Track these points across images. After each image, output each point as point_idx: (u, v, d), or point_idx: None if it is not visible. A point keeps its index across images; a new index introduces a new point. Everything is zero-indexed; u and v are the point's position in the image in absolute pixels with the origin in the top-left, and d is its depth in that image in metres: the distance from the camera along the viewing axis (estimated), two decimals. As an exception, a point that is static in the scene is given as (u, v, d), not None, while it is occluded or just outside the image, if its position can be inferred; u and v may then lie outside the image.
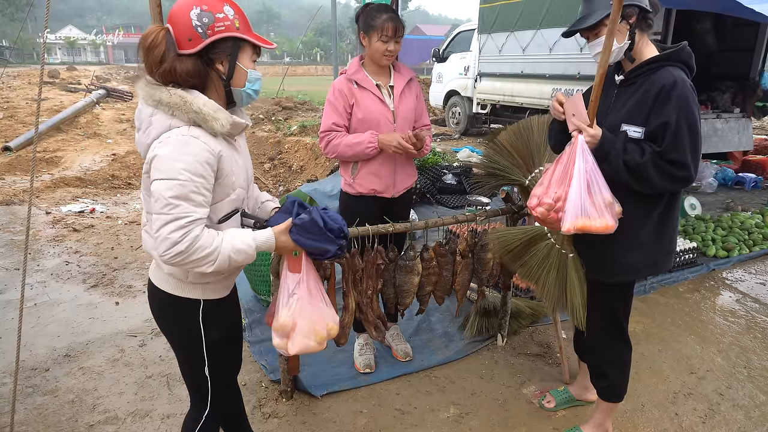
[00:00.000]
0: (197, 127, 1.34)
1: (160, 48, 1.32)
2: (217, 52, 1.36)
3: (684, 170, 1.67)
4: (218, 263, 1.34)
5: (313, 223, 1.45)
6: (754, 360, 2.88)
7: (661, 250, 1.89)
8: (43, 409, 2.41)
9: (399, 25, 2.33)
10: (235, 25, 1.34)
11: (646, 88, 1.73)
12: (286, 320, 1.53)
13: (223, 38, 1.33)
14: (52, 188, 6.43)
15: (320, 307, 1.58)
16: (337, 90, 2.41)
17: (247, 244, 1.38)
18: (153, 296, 1.55)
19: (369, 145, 2.37)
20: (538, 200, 1.77)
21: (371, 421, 2.36)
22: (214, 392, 1.60)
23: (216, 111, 1.35)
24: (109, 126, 10.62)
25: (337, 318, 1.64)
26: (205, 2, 1.32)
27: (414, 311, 2.61)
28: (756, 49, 6.64)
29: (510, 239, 2.15)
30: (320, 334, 1.56)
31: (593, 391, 2.34)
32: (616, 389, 2.10)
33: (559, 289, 1.99)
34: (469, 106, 10.20)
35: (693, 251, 4.02)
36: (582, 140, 1.68)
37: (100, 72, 22.80)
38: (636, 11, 1.72)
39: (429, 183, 5.60)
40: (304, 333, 1.54)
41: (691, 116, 1.66)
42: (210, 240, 1.33)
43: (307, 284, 1.55)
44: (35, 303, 3.46)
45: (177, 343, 1.59)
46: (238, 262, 1.39)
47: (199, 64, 1.34)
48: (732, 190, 6.55)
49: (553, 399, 2.44)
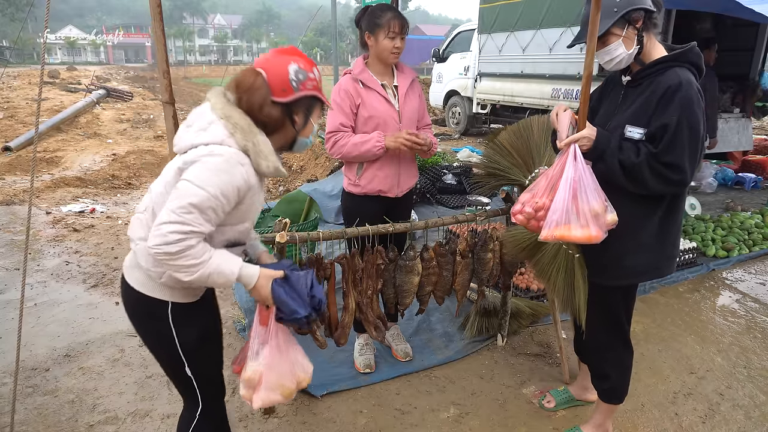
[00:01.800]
0: (246, 156, 1.42)
1: (260, 92, 1.45)
2: (299, 105, 1.50)
3: (679, 174, 1.65)
4: (198, 276, 1.36)
5: (302, 281, 1.49)
6: (754, 360, 2.88)
7: (664, 254, 1.86)
8: (43, 409, 2.41)
9: (404, 21, 2.37)
10: (320, 86, 1.53)
11: (652, 90, 1.70)
12: (252, 375, 1.53)
13: (307, 95, 1.49)
14: (52, 188, 6.43)
15: (291, 359, 1.58)
16: (343, 90, 2.41)
17: (231, 270, 1.41)
18: (125, 293, 1.55)
19: (377, 145, 2.37)
20: (521, 207, 1.79)
21: (371, 421, 2.36)
22: (202, 390, 1.61)
23: (270, 153, 1.45)
24: (109, 126, 10.63)
25: (310, 368, 1.63)
26: (301, 61, 1.48)
27: (414, 311, 2.61)
28: (756, 49, 6.64)
29: (522, 238, 2.15)
30: (287, 389, 1.56)
31: (593, 391, 2.34)
32: (617, 391, 2.09)
33: (567, 289, 1.99)
34: (469, 106, 10.20)
35: (693, 251, 4.02)
36: (575, 148, 1.67)
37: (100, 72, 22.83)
38: (642, 15, 1.69)
39: (429, 183, 5.60)
40: (271, 387, 1.53)
41: (694, 119, 1.63)
42: (200, 252, 1.35)
43: (276, 337, 1.54)
44: (35, 303, 3.46)
45: (148, 343, 1.60)
46: (215, 282, 1.41)
47: (282, 113, 1.48)
48: (732, 190, 6.55)
49: (553, 399, 2.44)
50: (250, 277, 1.45)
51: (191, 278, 1.36)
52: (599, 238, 1.64)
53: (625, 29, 1.68)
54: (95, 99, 12.22)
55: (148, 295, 1.49)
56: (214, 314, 1.70)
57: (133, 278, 1.51)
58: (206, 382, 1.62)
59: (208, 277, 1.38)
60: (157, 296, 1.49)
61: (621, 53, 1.71)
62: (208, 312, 1.65)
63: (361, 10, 2.46)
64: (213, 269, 1.37)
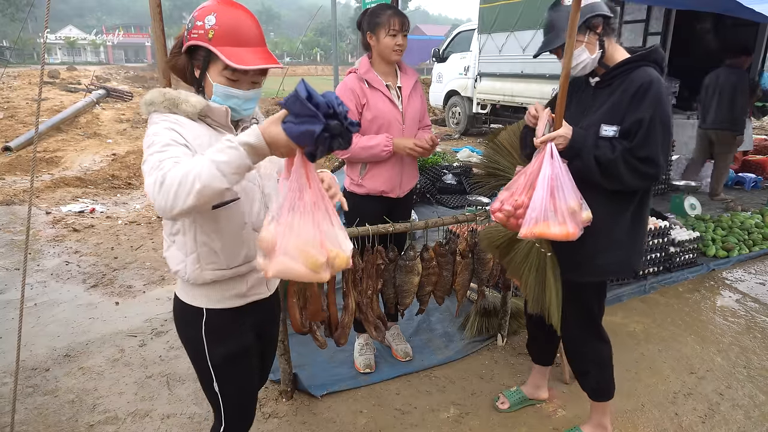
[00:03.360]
0: (172, 114, 1.33)
1: (177, 42, 1.40)
2: (196, 57, 1.37)
3: (653, 167, 1.72)
4: (204, 178, 1.10)
5: (294, 98, 1.10)
6: (754, 360, 2.88)
7: (634, 249, 1.93)
8: (43, 409, 2.41)
9: (405, 18, 2.37)
10: (208, 36, 1.29)
11: (624, 88, 1.77)
12: (266, 235, 1.20)
13: (198, 46, 1.33)
14: (52, 188, 6.43)
15: (323, 228, 1.21)
16: (349, 89, 2.40)
17: (227, 144, 1.12)
18: (174, 302, 1.54)
19: (384, 148, 2.38)
20: (500, 205, 1.81)
21: (371, 421, 2.36)
22: (227, 410, 1.54)
23: (188, 95, 1.33)
24: (109, 126, 10.62)
25: (349, 248, 1.26)
26: (203, 8, 1.32)
27: (414, 311, 2.61)
28: (756, 49, 6.64)
29: (496, 236, 2.17)
30: (312, 258, 1.17)
31: (545, 389, 2.45)
32: (602, 387, 2.12)
33: (538, 287, 2.01)
34: (469, 106, 10.20)
35: (693, 251, 4.03)
36: (551, 147, 1.70)
37: (100, 72, 22.82)
38: (601, 21, 1.77)
39: (429, 183, 5.60)
40: (290, 252, 1.17)
41: (665, 115, 1.71)
42: (180, 167, 1.14)
43: (302, 195, 1.18)
44: (35, 303, 3.46)
45: (187, 351, 1.55)
46: (227, 162, 1.11)
47: (187, 63, 1.39)
48: (732, 190, 6.54)
49: (506, 400, 2.45)
50: (254, 136, 1.12)
51: (201, 184, 1.10)
52: (576, 235, 1.68)
53: (587, 35, 1.76)
54: (95, 99, 12.21)
55: (185, 302, 1.46)
56: (257, 333, 1.58)
57: (178, 287, 1.50)
58: (233, 403, 1.55)
59: (216, 167, 1.10)
60: (192, 303, 1.45)
61: (585, 58, 1.78)
62: (248, 330, 1.53)
63: (362, 13, 2.48)
64: (209, 159, 1.11)
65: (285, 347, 2.39)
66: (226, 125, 1.39)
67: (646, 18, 5.94)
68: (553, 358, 2.43)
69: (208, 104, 1.35)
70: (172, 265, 1.43)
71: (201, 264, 1.40)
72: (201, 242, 1.38)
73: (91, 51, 62.75)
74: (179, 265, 1.41)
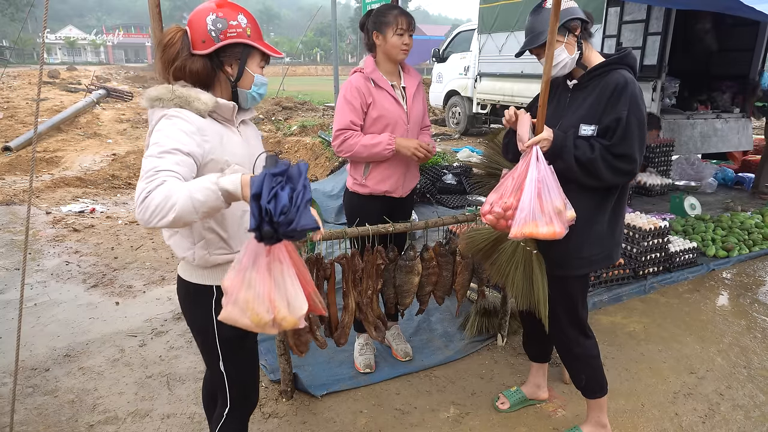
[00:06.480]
0: (183, 109, 1.38)
1: (175, 47, 1.42)
2: (228, 55, 1.45)
3: (630, 164, 1.80)
4: (179, 209, 1.19)
5: (259, 178, 1.13)
6: (754, 360, 2.88)
7: (614, 242, 2.01)
8: (43, 409, 2.41)
9: (411, 18, 2.39)
10: (247, 33, 1.45)
11: (600, 90, 1.85)
12: (226, 280, 1.26)
13: (234, 43, 1.44)
14: (52, 188, 6.43)
15: (280, 284, 1.25)
16: (355, 88, 2.40)
17: (210, 181, 1.21)
18: (177, 286, 1.59)
19: (387, 147, 2.38)
20: (490, 207, 1.86)
21: (371, 421, 2.36)
22: (232, 389, 1.60)
23: (199, 93, 1.40)
24: (109, 126, 10.63)
25: (303, 308, 1.28)
26: (222, 10, 1.42)
27: (414, 311, 2.61)
28: (756, 49, 6.65)
29: (479, 239, 2.18)
30: (258, 317, 1.22)
31: (545, 389, 2.48)
32: (594, 384, 2.14)
33: (526, 285, 2.04)
34: (469, 106, 10.21)
35: (693, 251, 4.02)
36: (536, 150, 1.77)
37: (100, 72, 22.83)
38: (578, 24, 1.87)
39: (429, 183, 5.60)
40: (239, 305, 1.23)
41: (640, 114, 1.80)
42: (164, 190, 1.21)
43: (265, 252, 1.23)
44: (35, 303, 3.46)
45: (193, 333, 1.61)
46: (203, 202, 1.20)
47: (208, 65, 1.44)
48: (732, 190, 6.54)
49: (507, 400, 2.46)
50: (234, 180, 1.21)
51: (175, 213, 1.19)
52: (562, 234, 1.74)
53: (566, 36, 1.85)
54: (95, 99, 12.22)
55: (192, 282, 1.52)
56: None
57: (181, 268, 1.56)
58: (238, 382, 1.61)
59: (190, 201, 1.19)
60: (200, 282, 1.51)
61: (564, 58, 1.86)
62: None
63: (365, 14, 2.49)
64: (188, 190, 1.20)
65: (285, 347, 2.39)
66: (230, 120, 1.51)
67: (646, 18, 5.94)
68: (549, 355, 2.44)
69: (217, 101, 1.44)
70: (179, 252, 1.50)
71: (209, 250, 1.49)
72: (208, 228, 1.47)
73: (91, 51, 62.73)
74: (187, 252, 1.48)
